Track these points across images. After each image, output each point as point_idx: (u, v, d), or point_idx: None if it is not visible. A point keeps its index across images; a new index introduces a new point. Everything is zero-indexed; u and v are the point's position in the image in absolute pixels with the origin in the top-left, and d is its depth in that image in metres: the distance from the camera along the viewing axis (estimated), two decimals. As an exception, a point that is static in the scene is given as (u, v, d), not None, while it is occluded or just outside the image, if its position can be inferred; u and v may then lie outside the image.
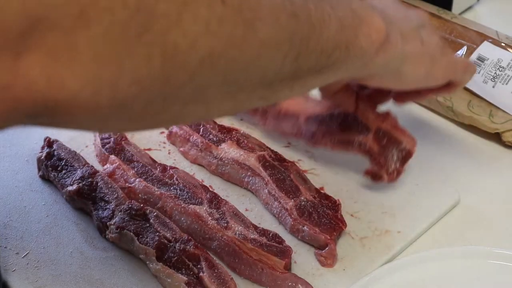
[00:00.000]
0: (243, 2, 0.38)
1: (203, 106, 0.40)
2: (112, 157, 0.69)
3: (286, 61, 0.42)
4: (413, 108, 0.78)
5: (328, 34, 0.45)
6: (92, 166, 0.68)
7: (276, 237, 0.60)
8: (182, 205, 0.63)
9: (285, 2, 0.41)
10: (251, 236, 0.60)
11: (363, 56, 0.50)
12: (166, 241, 0.60)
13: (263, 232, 0.61)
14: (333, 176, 0.69)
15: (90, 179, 0.65)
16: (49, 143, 0.71)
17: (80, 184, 0.65)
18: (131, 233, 0.61)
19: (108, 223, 0.62)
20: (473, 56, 0.73)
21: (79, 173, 0.66)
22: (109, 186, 0.65)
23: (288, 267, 0.59)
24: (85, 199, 0.64)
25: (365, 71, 0.52)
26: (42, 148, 0.70)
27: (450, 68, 0.58)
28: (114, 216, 0.62)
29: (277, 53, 0.41)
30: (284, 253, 0.59)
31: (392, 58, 0.52)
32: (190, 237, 0.60)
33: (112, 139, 0.71)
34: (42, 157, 0.69)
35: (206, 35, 0.36)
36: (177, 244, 0.60)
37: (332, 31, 0.46)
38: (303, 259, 0.61)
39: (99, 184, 0.65)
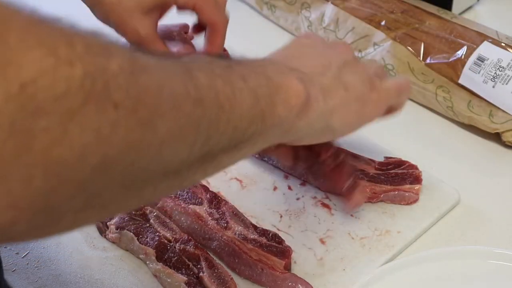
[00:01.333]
0: (139, 101, 0.34)
1: (102, 209, 0.36)
2: None
3: (194, 148, 0.39)
4: (413, 108, 0.79)
5: (241, 110, 0.42)
6: None
7: (276, 237, 0.60)
8: (182, 205, 0.63)
9: (189, 88, 0.38)
10: (251, 236, 0.60)
11: (283, 123, 0.47)
12: (166, 241, 0.60)
13: (263, 232, 0.61)
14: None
15: None
16: None
17: None
18: (131, 233, 0.61)
19: (108, 223, 0.62)
20: (473, 56, 0.73)
21: None
22: None
23: (288, 267, 0.59)
24: None
25: (289, 137, 0.49)
26: None
27: (382, 99, 0.56)
28: (114, 216, 0.62)
29: (183, 144, 0.38)
30: (284, 253, 0.59)
31: (316, 118, 0.49)
32: (190, 237, 0.60)
33: None
34: None
35: (98, 144, 0.32)
36: (177, 244, 0.60)
37: (246, 106, 0.43)
38: (303, 259, 0.61)
39: None
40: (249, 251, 0.59)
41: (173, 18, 0.88)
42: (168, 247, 0.60)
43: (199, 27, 0.72)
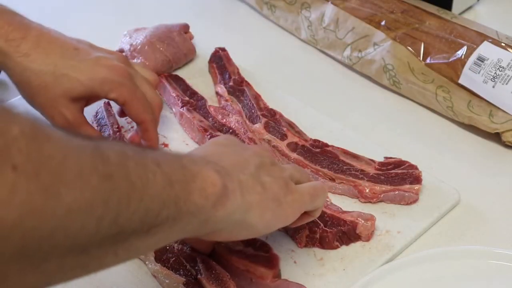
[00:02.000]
0: (41, 166, 0.34)
1: None
2: None
3: (102, 224, 0.38)
4: (413, 108, 0.79)
5: (153, 191, 0.42)
6: None
7: (263, 247, 0.60)
8: None
9: (97, 163, 0.38)
10: (237, 248, 0.60)
11: (200, 212, 0.46)
12: None
13: (251, 242, 0.61)
14: (333, 176, 0.69)
15: None
16: None
17: None
18: None
19: None
20: (473, 56, 0.73)
21: None
22: None
23: (276, 275, 0.59)
24: None
25: (207, 228, 0.49)
26: None
27: (297, 203, 0.55)
28: None
29: (89, 217, 0.37)
30: (271, 261, 0.58)
31: (233, 210, 0.49)
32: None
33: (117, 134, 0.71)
34: None
35: None
36: (175, 245, 0.60)
37: (158, 188, 0.43)
38: (303, 259, 0.61)
39: None
40: (235, 263, 0.59)
41: (173, 17, 0.88)
42: (167, 248, 0.60)
43: (124, 113, 0.73)
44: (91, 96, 0.67)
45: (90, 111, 0.74)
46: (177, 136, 0.75)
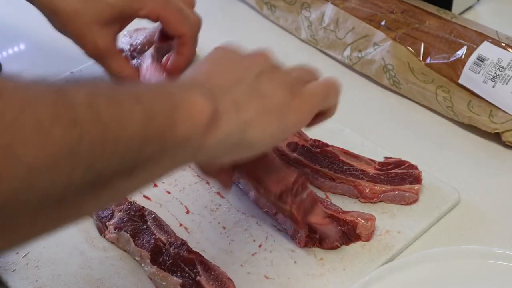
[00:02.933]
0: None
1: None
2: None
3: (73, 175, 0.35)
4: (413, 108, 0.79)
5: (131, 129, 0.39)
6: None
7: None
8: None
9: (59, 110, 0.35)
10: None
11: (189, 142, 0.44)
12: (161, 244, 0.60)
13: None
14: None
15: None
16: None
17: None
18: (128, 235, 0.61)
19: (107, 223, 0.62)
20: (473, 56, 0.73)
21: None
22: None
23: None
24: None
25: (202, 156, 0.46)
26: None
27: (306, 105, 0.52)
28: (114, 216, 0.62)
29: (57, 172, 0.35)
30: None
31: (229, 133, 0.47)
32: (184, 241, 0.60)
33: None
34: None
35: None
36: (171, 248, 0.60)
37: (137, 125, 0.40)
38: (303, 259, 0.61)
39: None
40: None
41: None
42: (163, 250, 0.60)
43: (165, 36, 0.69)
44: (122, 17, 0.65)
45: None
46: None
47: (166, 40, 0.70)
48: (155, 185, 0.68)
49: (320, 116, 0.55)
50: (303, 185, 0.57)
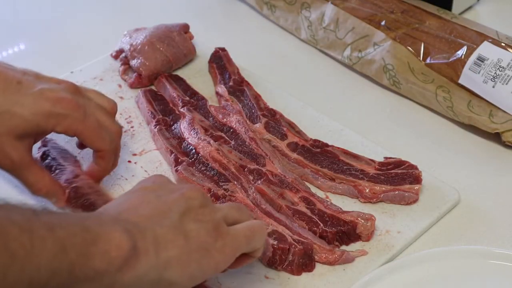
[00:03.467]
0: None
1: None
2: None
3: None
4: (413, 108, 0.79)
5: (39, 260, 0.40)
6: (79, 166, 0.69)
7: None
8: None
9: None
10: None
11: (102, 277, 0.44)
12: None
13: None
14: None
15: (74, 185, 0.65)
16: (44, 142, 0.70)
17: (68, 190, 0.64)
18: None
19: None
20: (473, 56, 0.73)
21: (63, 177, 0.66)
22: (94, 189, 0.65)
23: None
24: (75, 208, 0.63)
25: None
26: (39, 148, 0.70)
27: (230, 247, 0.51)
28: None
29: None
30: None
31: (145, 272, 0.46)
32: None
33: None
34: (38, 158, 0.69)
35: None
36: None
37: (47, 255, 0.40)
38: (303, 259, 0.61)
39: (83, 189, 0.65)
40: None
41: (173, 17, 0.88)
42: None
43: (83, 145, 0.68)
44: (37, 132, 0.63)
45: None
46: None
47: (85, 147, 0.70)
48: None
49: (244, 257, 0.54)
50: None
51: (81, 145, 0.70)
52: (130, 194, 0.54)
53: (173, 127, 0.74)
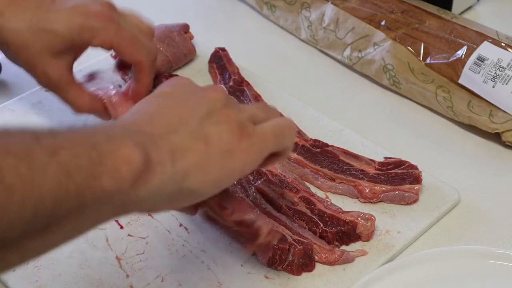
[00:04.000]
0: None
1: None
2: None
3: None
4: (413, 108, 0.79)
5: (42, 189, 0.37)
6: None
7: None
8: None
9: None
10: None
11: (113, 196, 0.41)
12: None
13: None
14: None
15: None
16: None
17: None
18: None
19: None
20: (473, 56, 0.73)
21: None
22: None
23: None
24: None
25: (133, 208, 0.44)
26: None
27: (255, 147, 0.49)
28: None
29: None
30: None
31: (162, 184, 0.44)
32: None
33: None
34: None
35: None
36: None
37: (50, 183, 0.38)
38: (303, 259, 0.61)
39: None
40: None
41: (173, 17, 0.88)
42: None
43: (123, 64, 0.68)
44: (74, 48, 0.63)
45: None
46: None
47: (124, 68, 0.70)
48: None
49: (272, 157, 0.51)
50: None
51: (120, 65, 0.69)
52: (147, 100, 0.51)
53: None
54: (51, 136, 0.41)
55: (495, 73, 0.72)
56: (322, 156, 0.69)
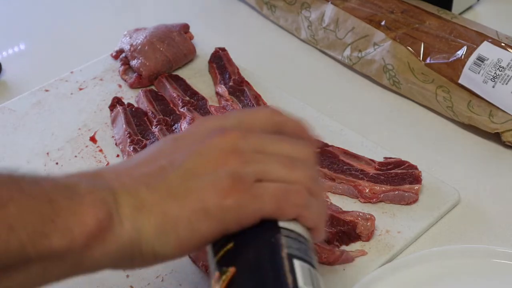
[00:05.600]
0: None
1: None
2: None
3: None
4: (413, 108, 0.79)
5: None
6: None
7: None
8: None
9: None
10: None
11: (63, 256, 0.39)
12: None
13: None
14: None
15: None
16: None
17: None
18: None
19: None
20: (473, 56, 0.73)
21: None
22: None
23: None
24: None
25: (88, 268, 0.42)
26: None
27: (243, 208, 0.42)
28: None
29: None
30: None
31: (120, 245, 0.41)
32: None
33: None
34: None
35: None
36: None
37: None
38: (303, 259, 0.61)
39: None
40: None
41: (173, 17, 0.88)
42: None
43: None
44: None
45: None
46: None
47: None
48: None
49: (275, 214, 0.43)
50: None
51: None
52: (154, 144, 0.47)
53: (174, 127, 0.74)
54: (14, 183, 0.39)
55: (495, 73, 0.72)
56: (322, 156, 0.69)
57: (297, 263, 0.43)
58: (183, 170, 0.42)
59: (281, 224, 0.44)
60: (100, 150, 0.73)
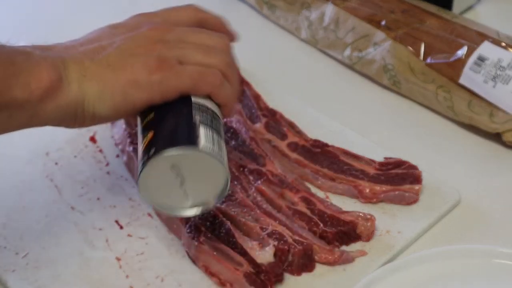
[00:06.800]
0: None
1: None
2: None
3: None
4: (413, 108, 0.79)
5: None
6: None
7: None
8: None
9: None
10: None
11: (23, 106, 0.51)
12: None
13: None
14: (333, 176, 0.69)
15: None
16: None
17: None
18: None
19: None
20: (474, 56, 0.73)
21: None
22: None
23: None
24: None
25: (40, 120, 0.53)
26: None
27: (166, 82, 0.54)
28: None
29: None
30: None
31: (67, 103, 0.52)
32: None
33: None
34: None
35: None
36: None
37: None
38: (303, 259, 0.61)
39: None
40: None
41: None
42: None
43: None
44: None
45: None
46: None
47: None
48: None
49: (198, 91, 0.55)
50: None
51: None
52: (100, 28, 0.59)
53: None
54: None
55: (496, 73, 0.72)
56: (322, 156, 0.69)
57: (203, 127, 0.53)
58: (120, 50, 0.54)
59: (194, 99, 0.55)
60: (100, 151, 0.73)
